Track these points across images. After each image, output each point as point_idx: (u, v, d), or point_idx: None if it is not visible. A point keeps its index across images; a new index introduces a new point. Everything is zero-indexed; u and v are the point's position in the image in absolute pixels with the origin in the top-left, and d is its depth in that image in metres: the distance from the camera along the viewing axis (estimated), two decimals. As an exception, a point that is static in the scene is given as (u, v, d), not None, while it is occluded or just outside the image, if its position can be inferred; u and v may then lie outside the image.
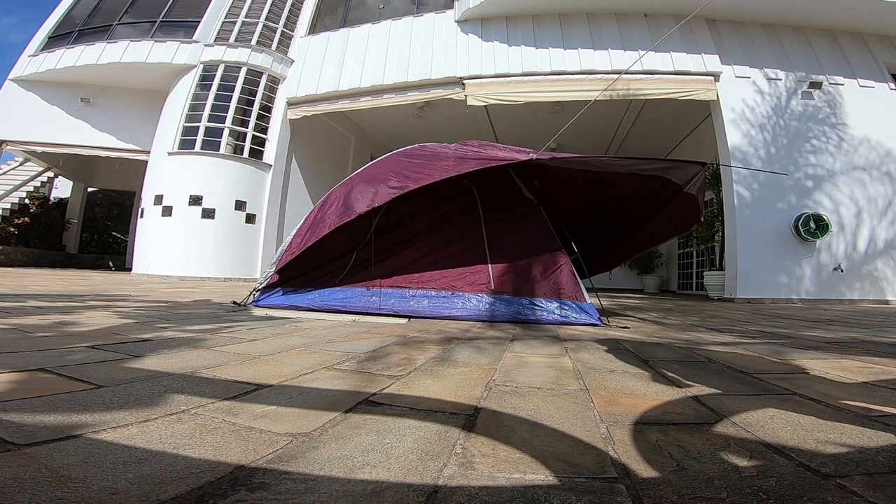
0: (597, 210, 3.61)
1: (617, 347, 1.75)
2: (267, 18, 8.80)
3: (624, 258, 4.16)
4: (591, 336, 2.10)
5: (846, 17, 6.86)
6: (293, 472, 0.57)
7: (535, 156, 2.40)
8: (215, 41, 8.48)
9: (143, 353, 1.28)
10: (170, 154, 7.77)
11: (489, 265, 2.84)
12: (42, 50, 9.30)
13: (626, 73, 5.66)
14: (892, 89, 6.75)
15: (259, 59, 8.37)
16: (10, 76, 9.23)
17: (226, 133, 7.82)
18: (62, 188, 12.87)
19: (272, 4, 8.95)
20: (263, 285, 2.96)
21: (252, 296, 3.01)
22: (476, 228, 3.04)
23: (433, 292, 2.77)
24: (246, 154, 7.92)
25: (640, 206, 3.33)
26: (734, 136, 6.58)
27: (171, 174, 7.69)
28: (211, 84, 8.07)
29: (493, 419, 0.82)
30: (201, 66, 8.24)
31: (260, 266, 7.70)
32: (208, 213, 7.50)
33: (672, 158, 2.86)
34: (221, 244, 7.51)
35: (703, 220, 2.88)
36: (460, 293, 2.75)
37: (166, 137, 7.93)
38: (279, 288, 3.02)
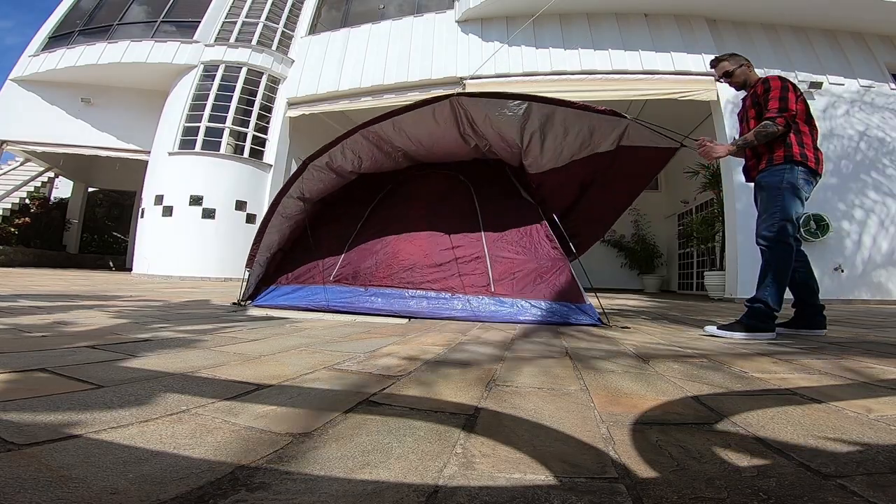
0: (568, 197, 3.48)
1: (617, 348, 1.75)
2: (267, 18, 8.80)
3: (608, 226, 4.05)
4: (592, 337, 2.10)
5: (846, 17, 6.85)
6: (293, 472, 0.57)
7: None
8: (216, 41, 8.48)
9: (143, 353, 1.28)
10: (170, 154, 7.78)
11: (489, 267, 2.84)
12: (42, 50, 9.31)
13: (628, 74, 5.68)
14: (892, 89, 6.75)
15: (259, 60, 8.37)
16: (11, 76, 9.24)
17: (226, 133, 7.82)
18: (62, 188, 12.87)
19: (272, 4, 8.96)
20: (251, 292, 3.03)
21: (247, 298, 3.05)
22: (474, 227, 3.04)
23: (433, 293, 2.77)
24: (246, 154, 7.92)
25: (595, 180, 3.19)
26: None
27: (171, 174, 7.69)
28: (211, 84, 8.08)
29: (494, 419, 0.82)
30: (202, 67, 8.25)
31: (260, 266, 7.72)
32: (209, 214, 7.50)
33: (590, 106, 2.67)
34: (222, 244, 7.51)
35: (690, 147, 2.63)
36: (460, 294, 2.75)
37: (167, 137, 7.94)
38: (275, 286, 3.05)
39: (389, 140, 2.98)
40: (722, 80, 2.50)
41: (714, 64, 2.52)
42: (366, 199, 3.33)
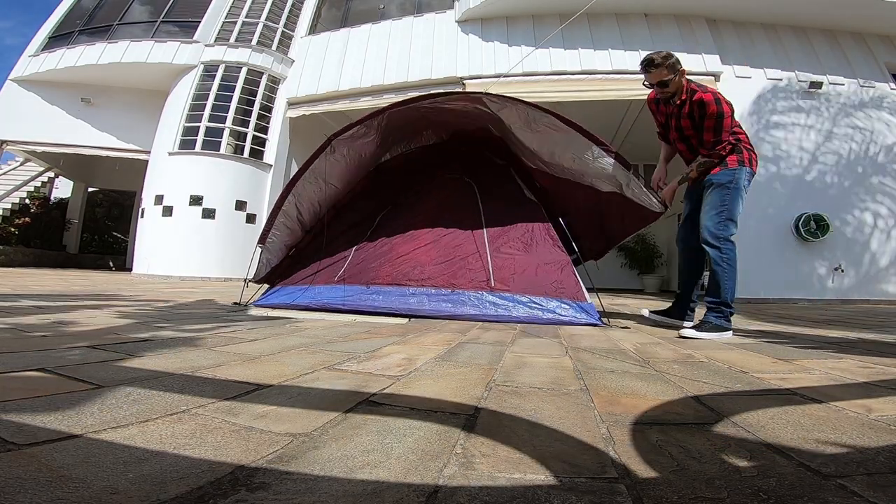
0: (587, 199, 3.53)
1: (617, 347, 1.75)
2: (267, 18, 8.79)
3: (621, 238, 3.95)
4: (592, 336, 2.10)
5: (846, 17, 6.85)
6: (293, 473, 0.57)
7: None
8: (216, 41, 8.47)
9: (143, 353, 1.28)
10: (170, 154, 7.77)
11: (489, 263, 2.84)
12: (42, 50, 9.30)
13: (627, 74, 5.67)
14: (892, 89, 6.75)
15: (259, 60, 8.37)
16: (11, 76, 9.23)
17: (226, 133, 7.82)
18: (62, 188, 12.86)
19: (272, 4, 8.95)
20: (262, 276, 3.03)
21: (252, 296, 3.03)
22: (476, 226, 3.05)
23: (433, 290, 2.77)
24: (246, 154, 7.92)
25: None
26: (734, 136, 6.58)
27: (171, 174, 7.69)
28: (211, 84, 8.07)
29: (494, 419, 0.82)
30: (202, 67, 8.24)
31: (260, 266, 7.73)
32: (209, 214, 7.50)
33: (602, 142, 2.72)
34: (222, 244, 7.51)
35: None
36: (460, 290, 2.75)
37: (167, 137, 7.93)
38: (278, 286, 3.04)
39: (416, 112, 2.96)
40: (649, 84, 2.26)
41: (647, 67, 2.19)
42: (376, 206, 3.36)
